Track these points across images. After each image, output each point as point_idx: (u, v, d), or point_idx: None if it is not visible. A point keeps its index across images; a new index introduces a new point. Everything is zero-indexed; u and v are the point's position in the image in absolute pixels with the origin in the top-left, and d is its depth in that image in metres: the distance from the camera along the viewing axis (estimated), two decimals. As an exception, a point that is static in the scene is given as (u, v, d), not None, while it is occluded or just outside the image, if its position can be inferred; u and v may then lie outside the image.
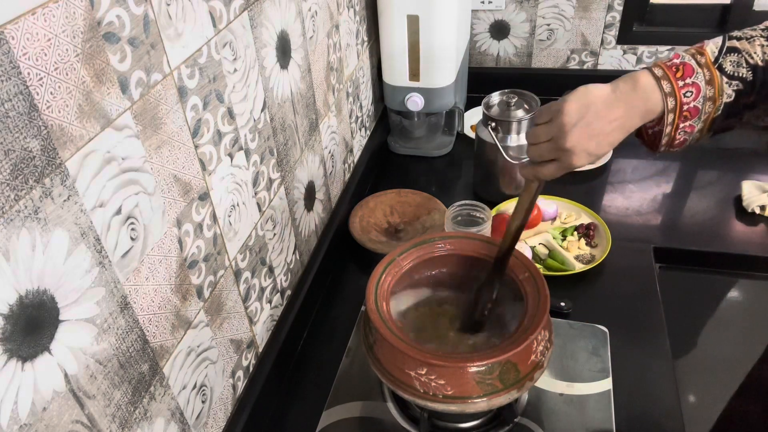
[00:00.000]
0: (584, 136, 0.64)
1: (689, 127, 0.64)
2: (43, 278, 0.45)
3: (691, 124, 0.64)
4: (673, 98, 0.63)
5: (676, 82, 0.63)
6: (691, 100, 0.63)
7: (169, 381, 0.63)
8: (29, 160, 0.43)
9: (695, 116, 0.63)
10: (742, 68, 0.62)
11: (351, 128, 1.23)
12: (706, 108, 0.63)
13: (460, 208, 0.99)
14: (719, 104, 0.63)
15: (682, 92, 0.63)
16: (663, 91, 0.63)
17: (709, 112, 0.63)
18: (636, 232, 1.11)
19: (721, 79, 0.62)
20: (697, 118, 0.64)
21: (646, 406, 0.82)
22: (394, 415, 0.82)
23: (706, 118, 0.64)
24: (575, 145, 0.64)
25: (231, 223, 0.74)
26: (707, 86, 0.62)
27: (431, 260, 0.82)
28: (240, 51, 0.72)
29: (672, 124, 0.64)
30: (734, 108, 0.63)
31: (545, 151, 0.67)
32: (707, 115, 0.63)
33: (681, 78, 0.63)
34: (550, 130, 0.65)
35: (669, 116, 0.63)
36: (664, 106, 0.63)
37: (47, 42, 0.43)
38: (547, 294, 0.71)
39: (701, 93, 0.62)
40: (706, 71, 0.62)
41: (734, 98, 0.62)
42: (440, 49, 1.21)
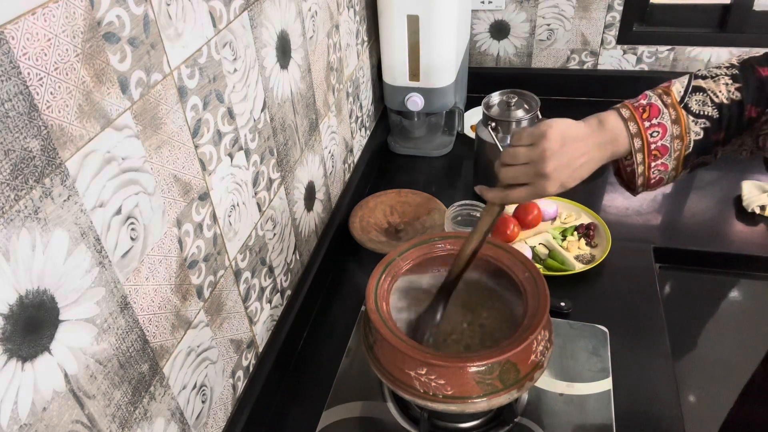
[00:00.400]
0: (562, 165, 0.65)
1: (662, 165, 0.66)
2: (43, 278, 0.45)
3: (663, 162, 0.66)
4: (639, 139, 0.65)
5: (642, 123, 0.65)
6: (658, 140, 0.65)
7: (169, 381, 0.63)
8: (29, 160, 0.43)
9: (665, 154, 0.65)
10: (708, 107, 0.64)
11: (351, 128, 1.23)
12: (675, 146, 0.65)
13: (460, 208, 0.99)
14: (687, 142, 0.65)
15: (648, 132, 0.65)
16: (629, 132, 0.65)
17: (679, 150, 0.65)
18: (636, 232, 1.11)
19: (687, 118, 0.64)
20: (668, 156, 0.66)
21: (646, 406, 0.82)
22: (394, 415, 0.82)
23: (677, 156, 0.66)
24: (553, 172, 0.65)
25: (231, 223, 0.74)
26: (673, 125, 0.65)
27: (431, 260, 0.82)
28: (240, 51, 0.72)
29: (643, 164, 0.66)
30: (705, 145, 0.65)
31: (521, 174, 0.67)
32: (678, 152, 0.65)
33: (647, 119, 0.65)
34: (531, 153, 0.66)
35: (638, 156, 0.66)
36: (631, 147, 0.66)
37: (47, 42, 0.43)
38: (547, 294, 0.71)
39: (668, 132, 0.65)
40: (672, 111, 0.65)
41: (703, 136, 0.64)
42: (440, 49, 1.21)
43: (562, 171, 0.65)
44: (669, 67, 1.47)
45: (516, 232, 1.08)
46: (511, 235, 1.07)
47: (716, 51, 1.42)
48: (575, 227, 1.09)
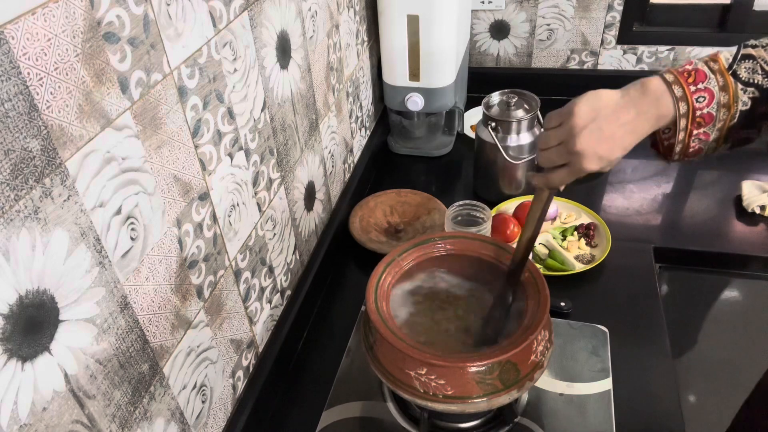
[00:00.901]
0: (595, 139, 0.62)
1: (704, 135, 0.63)
2: (43, 278, 0.45)
3: (705, 131, 0.62)
4: (684, 103, 0.61)
5: (688, 87, 0.61)
6: (704, 106, 0.61)
7: (169, 381, 0.63)
8: (29, 160, 0.43)
9: (709, 123, 0.62)
10: (758, 75, 0.60)
11: (351, 128, 1.23)
12: (721, 115, 0.61)
13: (460, 208, 0.99)
14: (734, 111, 0.61)
15: (695, 97, 0.61)
16: (674, 96, 0.62)
17: (724, 120, 0.62)
18: (636, 232, 1.11)
19: (735, 86, 0.61)
20: (712, 126, 0.62)
21: (646, 406, 0.82)
22: (394, 415, 0.82)
23: (721, 126, 0.62)
24: (586, 148, 0.63)
25: (231, 223, 0.74)
26: (721, 92, 0.61)
27: (431, 260, 0.82)
28: (240, 51, 0.72)
29: (685, 130, 0.63)
30: (750, 117, 0.61)
31: (555, 156, 0.65)
32: (722, 123, 0.62)
33: (693, 83, 0.62)
34: (560, 133, 0.64)
35: (681, 121, 0.62)
36: (676, 111, 0.62)
37: (47, 42, 0.43)
38: (547, 294, 0.71)
39: (715, 99, 0.61)
40: (719, 77, 0.61)
41: (750, 106, 0.61)
42: (440, 49, 1.21)
43: (596, 145, 0.63)
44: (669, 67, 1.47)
45: (516, 232, 1.08)
46: (511, 235, 1.07)
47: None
48: (575, 227, 1.09)
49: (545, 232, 1.09)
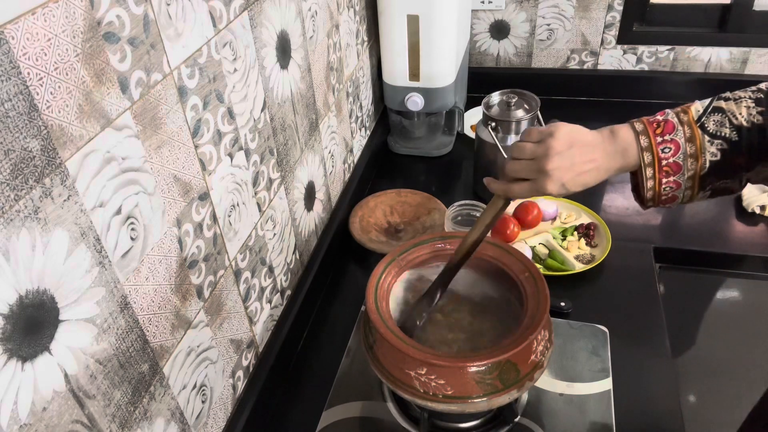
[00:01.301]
0: (565, 166, 0.65)
1: (674, 183, 0.65)
2: (43, 278, 0.45)
3: (675, 180, 0.65)
4: (650, 153, 0.64)
5: (655, 138, 0.64)
6: (669, 156, 0.64)
7: (169, 381, 0.63)
8: (29, 160, 0.43)
9: (678, 172, 0.64)
10: (725, 128, 0.62)
11: (351, 128, 1.23)
12: (689, 164, 0.64)
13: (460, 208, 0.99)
14: (703, 162, 0.63)
15: (660, 148, 0.64)
16: (640, 146, 0.65)
17: (693, 169, 0.64)
18: (636, 232, 1.11)
19: (702, 138, 0.63)
20: (681, 174, 0.64)
21: (646, 406, 0.82)
22: (394, 415, 0.82)
23: (692, 175, 0.64)
24: (554, 171, 0.65)
25: (231, 223, 0.74)
26: (687, 143, 0.63)
27: (431, 260, 0.82)
28: (240, 51, 0.72)
29: (653, 179, 0.65)
30: (725, 167, 0.63)
31: (524, 168, 0.68)
32: (692, 172, 0.64)
33: (660, 134, 0.64)
34: (536, 149, 0.67)
35: (647, 170, 0.65)
36: (640, 160, 0.65)
37: (47, 42, 0.43)
38: (547, 294, 0.72)
39: (681, 149, 0.63)
40: (687, 128, 0.64)
41: (721, 158, 0.63)
42: (440, 49, 1.21)
43: (564, 172, 0.65)
44: (669, 67, 1.47)
45: (516, 232, 1.08)
46: (511, 235, 1.07)
47: (716, 51, 1.42)
48: (575, 227, 1.09)
49: (545, 232, 1.09)
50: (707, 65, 1.45)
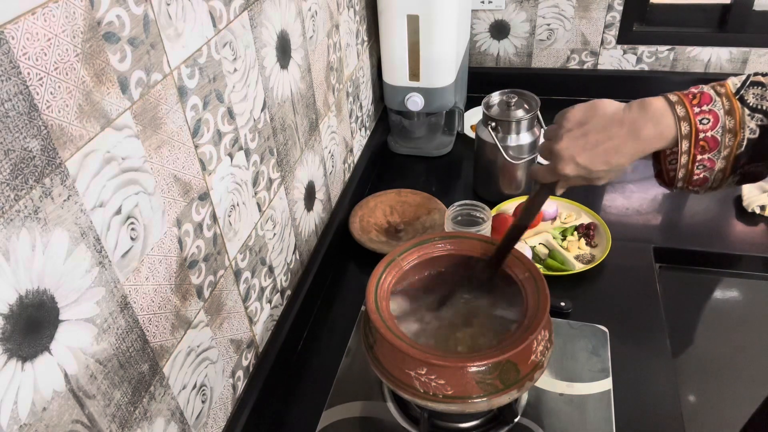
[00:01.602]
0: (578, 145, 0.62)
1: (708, 161, 0.60)
2: (43, 278, 0.45)
3: (710, 158, 0.59)
4: (687, 123, 0.59)
5: (692, 108, 0.59)
6: (708, 128, 0.59)
7: (169, 381, 0.63)
8: (29, 160, 0.43)
9: (714, 148, 0.59)
10: (767, 102, 0.58)
11: (351, 128, 1.23)
12: (726, 140, 0.59)
13: (460, 208, 0.99)
14: (741, 138, 0.58)
15: (698, 118, 0.59)
16: (676, 115, 0.59)
17: (730, 146, 0.59)
18: (636, 232, 1.11)
19: (742, 111, 0.58)
20: (717, 152, 0.59)
21: (646, 406, 0.82)
22: (394, 415, 0.82)
23: (727, 154, 0.59)
24: (563, 150, 0.63)
25: (231, 223, 0.74)
26: (726, 116, 0.58)
27: (431, 260, 0.82)
28: (240, 51, 0.72)
29: (688, 154, 0.60)
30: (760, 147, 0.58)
31: (545, 151, 0.67)
32: (728, 150, 0.59)
33: (697, 105, 0.59)
34: (551, 130, 0.65)
35: (683, 143, 0.59)
36: (677, 131, 0.59)
37: (47, 42, 0.43)
38: (547, 294, 0.71)
39: (719, 122, 0.58)
40: (725, 100, 0.59)
41: (759, 135, 0.58)
42: (440, 49, 1.21)
43: (577, 151, 0.62)
44: (669, 67, 1.47)
45: (516, 232, 1.08)
46: (511, 235, 1.07)
47: (716, 51, 1.42)
48: (575, 227, 1.09)
49: (545, 232, 1.09)
50: (707, 65, 1.45)
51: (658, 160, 0.65)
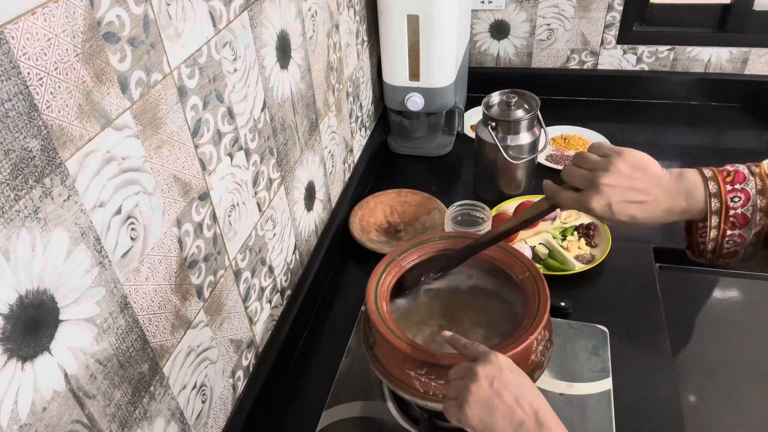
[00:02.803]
0: (621, 186, 0.62)
1: (739, 237, 0.61)
2: (43, 278, 0.45)
3: (740, 233, 0.61)
4: (717, 200, 0.61)
5: (725, 185, 0.61)
6: (738, 206, 0.60)
7: (169, 381, 0.63)
8: (29, 160, 0.43)
9: (744, 225, 0.60)
10: None
11: (351, 128, 1.23)
12: (757, 219, 0.60)
13: (460, 208, 0.99)
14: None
15: (729, 196, 0.60)
16: (708, 191, 0.61)
17: (761, 225, 0.60)
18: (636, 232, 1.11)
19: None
20: (747, 228, 0.60)
21: (646, 406, 0.82)
22: (394, 415, 0.82)
23: (759, 231, 0.60)
24: (606, 187, 0.62)
25: (231, 223, 0.74)
26: (758, 195, 0.60)
27: (431, 260, 0.82)
28: (240, 51, 0.72)
29: (717, 229, 0.61)
30: None
31: (579, 178, 0.65)
32: (759, 228, 0.60)
33: (730, 182, 0.61)
34: (599, 162, 0.64)
35: (713, 218, 0.61)
36: (707, 206, 0.61)
37: (47, 42, 0.43)
38: (547, 294, 0.71)
39: (751, 200, 0.60)
40: (758, 180, 0.61)
41: None
42: (440, 49, 1.21)
43: (616, 192, 0.62)
44: (669, 67, 1.47)
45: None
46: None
47: (716, 51, 1.42)
48: (575, 227, 1.09)
49: (545, 232, 1.09)
50: (707, 65, 1.45)
51: (690, 233, 0.66)
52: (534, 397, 0.56)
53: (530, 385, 0.57)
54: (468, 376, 0.57)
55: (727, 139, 1.37)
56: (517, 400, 0.55)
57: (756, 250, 0.62)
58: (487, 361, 0.58)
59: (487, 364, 0.57)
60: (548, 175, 1.25)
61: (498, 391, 0.55)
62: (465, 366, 0.59)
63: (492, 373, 0.56)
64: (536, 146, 1.14)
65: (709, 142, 1.36)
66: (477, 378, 0.56)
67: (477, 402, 0.55)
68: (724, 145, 1.35)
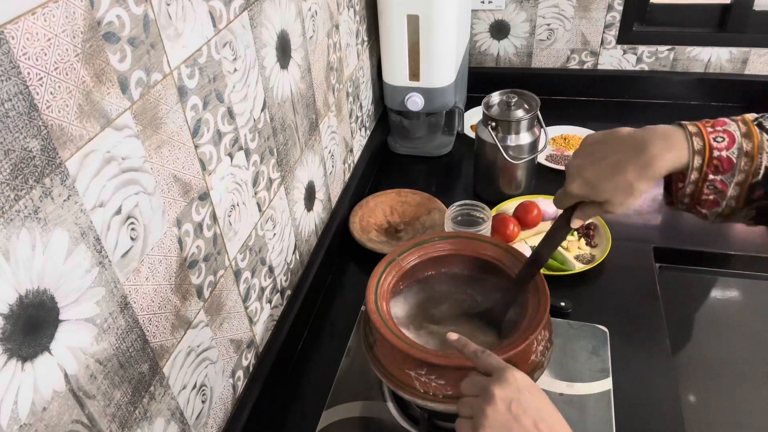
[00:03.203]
0: (586, 163, 0.62)
1: (720, 183, 0.56)
2: (43, 278, 0.45)
3: (722, 179, 0.56)
4: (700, 139, 0.57)
5: (705, 127, 0.57)
6: (723, 147, 0.56)
7: (169, 381, 0.63)
8: (29, 160, 0.43)
9: (728, 170, 0.56)
10: None
11: (351, 128, 1.23)
12: (742, 164, 0.55)
13: (460, 208, 0.99)
14: (758, 163, 0.55)
15: (712, 136, 0.56)
16: (688, 131, 0.57)
17: (746, 171, 0.55)
18: (636, 232, 1.11)
19: (761, 136, 0.55)
20: (731, 174, 0.56)
21: (646, 406, 0.82)
22: (394, 415, 0.82)
23: (742, 180, 0.56)
24: (571, 167, 0.64)
25: (231, 223, 0.74)
26: (744, 139, 0.56)
27: (431, 260, 0.82)
28: (240, 51, 0.72)
29: (699, 171, 0.57)
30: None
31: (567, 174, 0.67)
32: (743, 175, 0.56)
33: (711, 126, 0.57)
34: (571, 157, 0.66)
35: (695, 159, 0.56)
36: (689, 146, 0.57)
37: (47, 42, 0.43)
38: (547, 294, 0.71)
39: (736, 143, 0.56)
40: (741, 124, 0.57)
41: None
42: (440, 49, 1.21)
43: (585, 169, 0.62)
44: (669, 67, 1.47)
45: (516, 232, 1.08)
46: (511, 235, 1.07)
47: (716, 51, 1.42)
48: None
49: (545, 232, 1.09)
50: (707, 65, 1.45)
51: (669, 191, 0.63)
52: (555, 421, 0.53)
53: (550, 408, 0.55)
54: (483, 396, 0.54)
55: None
56: (537, 425, 0.52)
57: (737, 205, 0.58)
58: (504, 381, 0.54)
59: (504, 385, 0.54)
60: (548, 175, 1.26)
61: (516, 416, 0.52)
62: (480, 383, 0.56)
63: (510, 396, 0.53)
64: (536, 146, 1.14)
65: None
66: (493, 401, 0.53)
67: (494, 427, 0.52)
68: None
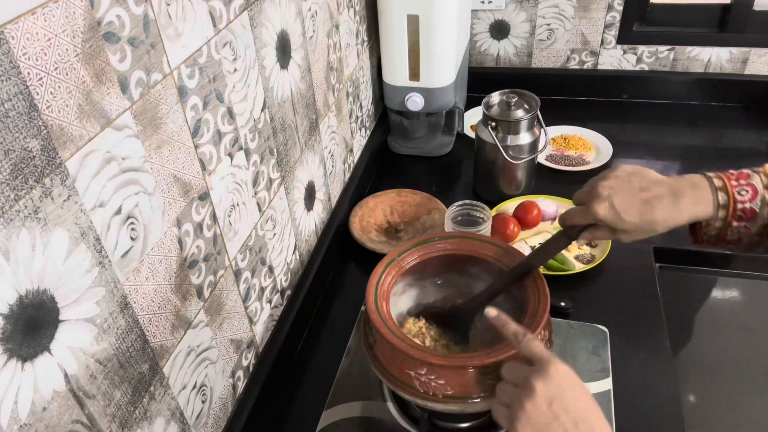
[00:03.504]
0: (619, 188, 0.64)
1: (744, 228, 0.62)
2: (43, 278, 0.45)
3: (746, 225, 0.61)
4: (724, 193, 0.61)
5: (729, 181, 0.61)
6: (746, 200, 0.60)
7: (169, 381, 0.63)
8: (29, 160, 0.43)
9: (751, 219, 0.61)
10: None
11: (351, 128, 1.23)
12: (765, 214, 0.60)
13: (460, 208, 0.99)
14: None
15: (736, 190, 0.61)
16: (713, 186, 0.62)
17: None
18: (636, 232, 1.11)
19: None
20: (754, 222, 0.61)
21: (646, 406, 0.82)
22: (394, 415, 0.82)
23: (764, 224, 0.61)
24: (604, 189, 0.65)
25: (231, 223, 0.74)
26: (766, 190, 0.60)
27: (431, 260, 0.82)
28: (240, 51, 0.72)
29: (723, 221, 0.62)
30: None
31: (584, 195, 0.68)
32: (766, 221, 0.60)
33: (735, 179, 0.61)
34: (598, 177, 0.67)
35: (720, 212, 0.61)
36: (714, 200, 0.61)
37: (47, 42, 0.43)
38: (547, 294, 0.71)
39: (759, 195, 0.60)
40: (763, 177, 0.61)
41: None
42: (440, 49, 1.21)
43: (616, 194, 0.64)
44: (669, 67, 1.47)
45: (516, 232, 1.08)
46: (511, 235, 1.07)
47: (716, 51, 1.42)
48: (575, 227, 1.09)
49: (545, 232, 1.09)
50: (707, 65, 1.45)
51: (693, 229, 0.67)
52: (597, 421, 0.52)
53: (592, 407, 0.53)
54: (523, 388, 0.53)
55: (727, 139, 1.37)
56: (577, 425, 0.51)
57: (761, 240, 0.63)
58: (547, 375, 0.53)
59: (547, 380, 0.52)
60: (548, 175, 1.26)
61: (556, 414, 0.51)
62: (521, 373, 0.55)
63: (552, 393, 0.52)
64: (536, 146, 1.14)
65: (709, 142, 1.37)
66: (534, 395, 0.52)
67: (531, 422, 0.51)
68: (724, 145, 1.35)
